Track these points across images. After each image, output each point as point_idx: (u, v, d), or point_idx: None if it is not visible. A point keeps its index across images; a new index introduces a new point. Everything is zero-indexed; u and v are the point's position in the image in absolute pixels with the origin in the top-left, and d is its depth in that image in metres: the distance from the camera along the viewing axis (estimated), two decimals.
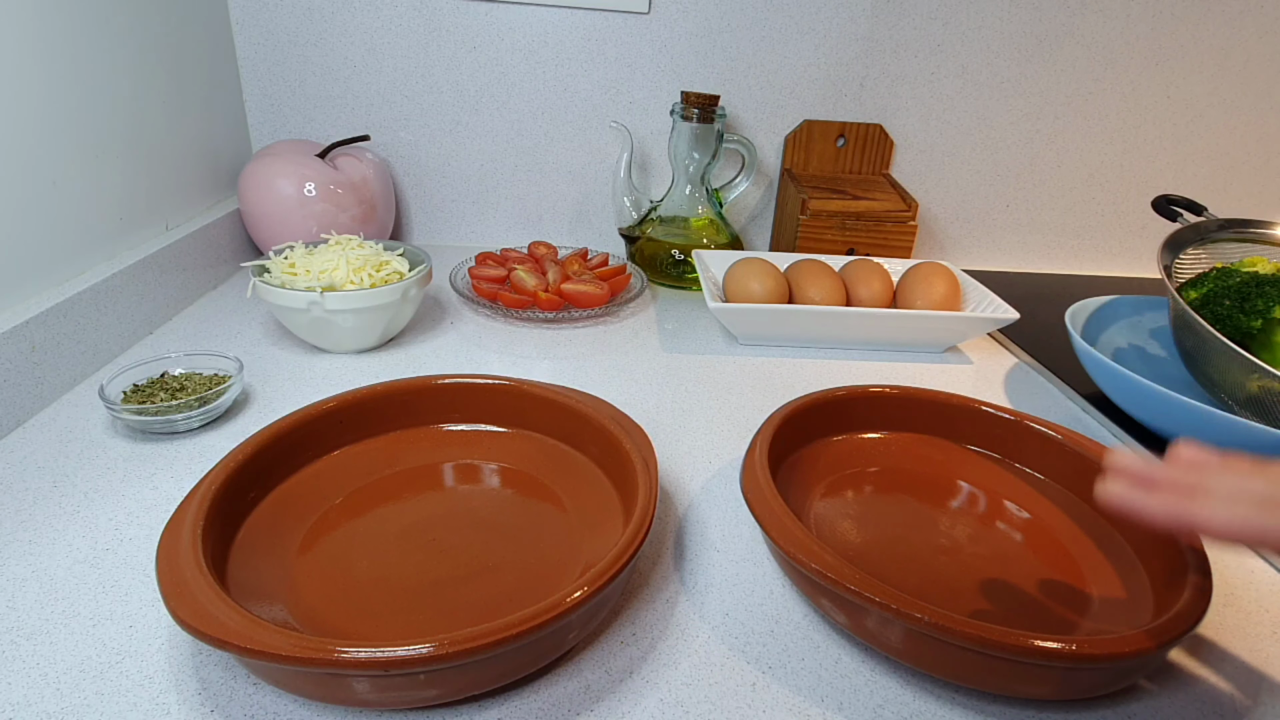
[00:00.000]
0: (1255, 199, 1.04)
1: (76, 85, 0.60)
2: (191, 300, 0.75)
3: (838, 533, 0.46)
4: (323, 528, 0.43)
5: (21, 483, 0.47)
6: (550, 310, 0.74)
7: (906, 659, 0.36)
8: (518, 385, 0.51)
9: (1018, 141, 0.98)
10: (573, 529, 0.44)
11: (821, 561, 0.36)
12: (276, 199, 0.79)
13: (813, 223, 0.86)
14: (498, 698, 0.35)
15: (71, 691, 0.34)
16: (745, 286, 0.73)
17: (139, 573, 0.41)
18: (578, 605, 0.32)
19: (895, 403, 0.54)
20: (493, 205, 0.97)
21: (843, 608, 0.37)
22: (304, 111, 0.90)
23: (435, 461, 0.50)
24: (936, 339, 0.74)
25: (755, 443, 0.46)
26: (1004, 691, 0.35)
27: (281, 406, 0.58)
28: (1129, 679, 0.36)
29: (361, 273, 0.64)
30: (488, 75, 0.90)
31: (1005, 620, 0.39)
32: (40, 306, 0.55)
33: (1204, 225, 0.69)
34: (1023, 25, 0.91)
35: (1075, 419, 0.64)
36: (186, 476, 0.49)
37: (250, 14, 0.85)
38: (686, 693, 0.36)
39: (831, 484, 0.50)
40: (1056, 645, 0.32)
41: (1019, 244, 1.04)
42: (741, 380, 0.67)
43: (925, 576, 0.42)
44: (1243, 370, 0.55)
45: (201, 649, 0.36)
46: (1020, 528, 0.47)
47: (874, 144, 0.96)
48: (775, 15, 0.89)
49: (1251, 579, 0.46)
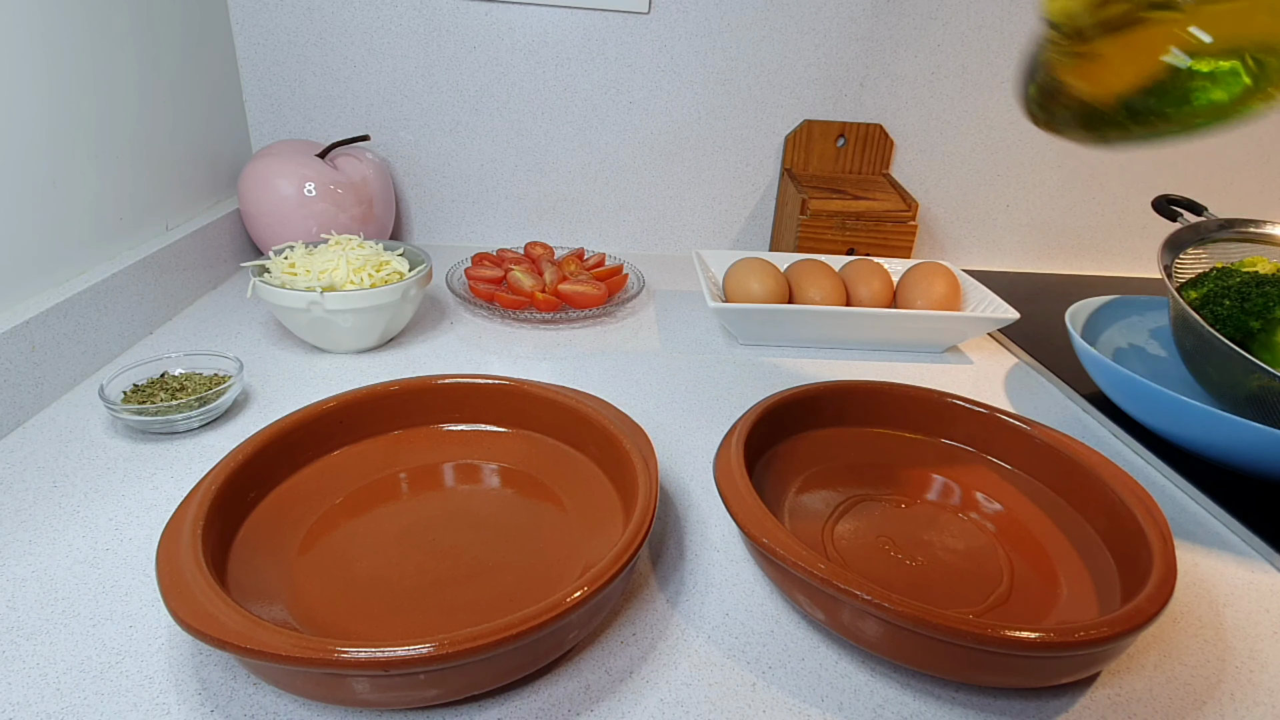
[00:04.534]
0: (1255, 199, 1.04)
1: (77, 85, 0.60)
2: (191, 300, 0.75)
3: (813, 527, 0.46)
4: (323, 528, 0.43)
5: (21, 483, 0.47)
6: (548, 311, 0.74)
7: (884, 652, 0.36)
8: (518, 385, 0.51)
9: (1018, 141, 0.98)
10: (573, 529, 0.44)
11: (793, 551, 0.36)
12: (276, 199, 0.79)
13: (813, 223, 0.86)
14: (498, 698, 0.35)
15: (71, 691, 0.34)
16: (745, 286, 0.73)
17: (139, 573, 0.41)
18: (578, 605, 0.32)
19: (868, 397, 0.54)
20: (492, 205, 0.97)
21: (814, 598, 0.37)
22: (304, 111, 0.90)
23: (435, 461, 0.50)
24: (936, 339, 0.74)
25: (731, 433, 0.47)
26: (968, 680, 0.36)
27: (281, 406, 0.58)
28: (1095, 667, 0.36)
29: (361, 273, 0.64)
30: (488, 75, 0.90)
31: (973, 609, 0.40)
32: (40, 306, 0.55)
33: (1204, 225, 0.69)
34: (1023, 25, 0.91)
35: (1075, 419, 0.64)
36: (186, 476, 0.49)
37: (250, 14, 0.85)
38: (686, 693, 0.36)
39: (808, 479, 0.50)
40: (1019, 635, 0.32)
41: (1019, 244, 1.04)
42: (741, 380, 0.67)
43: (897, 568, 0.43)
44: (1243, 370, 0.55)
45: (201, 649, 0.36)
46: (992, 519, 0.48)
47: (874, 144, 0.96)
48: (775, 15, 0.89)
49: (1251, 579, 0.46)
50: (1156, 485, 0.56)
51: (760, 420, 0.49)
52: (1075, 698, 0.37)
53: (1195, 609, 0.43)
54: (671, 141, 0.95)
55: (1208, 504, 0.53)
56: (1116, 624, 0.33)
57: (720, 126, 0.95)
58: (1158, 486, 0.55)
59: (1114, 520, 0.43)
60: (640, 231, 1.00)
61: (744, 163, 0.97)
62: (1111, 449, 0.60)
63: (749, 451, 0.46)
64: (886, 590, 0.34)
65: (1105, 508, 0.44)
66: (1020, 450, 0.51)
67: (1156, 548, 0.39)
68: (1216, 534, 0.50)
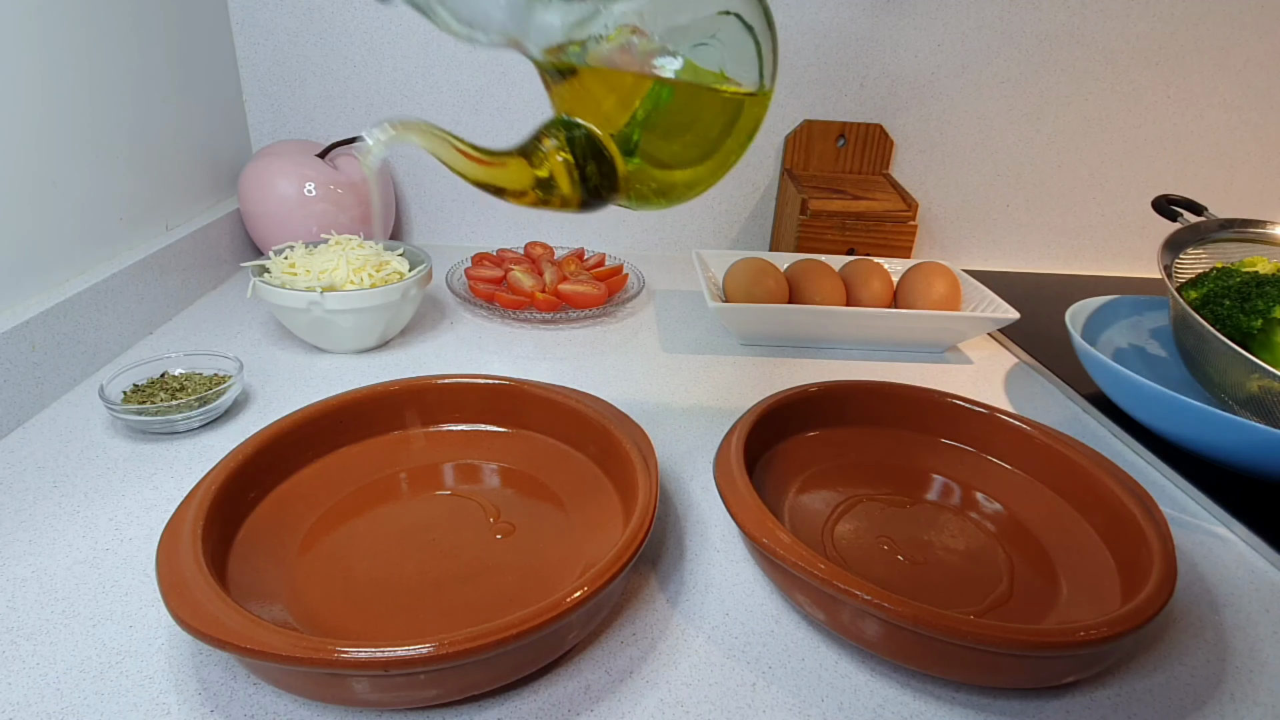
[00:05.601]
0: (1255, 199, 1.04)
1: (77, 85, 0.60)
2: (191, 300, 0.75)
3: (813, 527, 0.46)
4: (323, 528, 0.43)
5: (21, 483, 0.47)
6: (547, 311, 0.74)
7: (884, 652, 0.36)
8: (518, 385, 0.51)
9: (1018, 141, 0.97)
10: (573, 529, 0.44)
11: (793, 551, 0.36)
12: (276, 199, 0.79)
13: (813, 223, 0.86)
14: (498, 698, 0.35)
15: (71, 691, 0.34)
16: (745, 286, 0.73)
17: (139, 573, 0.41)
18: (578, 605, 0.32)
19: (868, 398, 0.54)
20: (492, 205, 0.97)
21: (814, 598, 0.37)
22: (304, 111, 0.90)
23: (435, 461, 0.50)
24: (936, 339, 0.74)
25: (731, 434, 0.47)
26: (968, 680, 0.36)
27: (281, 406, 0.58)
28: (1095, 667, 0.36)
29: (361, 273, 0.64)
30: (488, 75, 0.90)
31: (974, 609, 0.40)
32: (40, 306, 0.55)
33: (1204, 225, 0.69)
34: (1023, 25, 0.91)
35: (1075, 419, 0.64)
36: (186, 476, 0.49)
37: (250, 14, 0.85)
38: (686, 693, 0.36)
39: (808, 479, 0.50)
40: (1019, 635, 0.32)
41: (1019, 244, 1.04)
42: (741, 380, 0.67)
43: (897, 568, 0.43)
44: (1243, 370, 0.55)
45: (201, 649, 0.36)
46: (992, 519, 0.48)
47: (874, 144, 0.96)
48: (775, 15, 0.89)
49: (1251, 579, 0.46)
50: (1156, 485, 0.56)
51: (760, 420, 0.49)
52: (1075, 698, 0.37)
53: (1195, 609, 0.43)
54: None
55: (1208, 504, 0.53)
56: (1116, 624, 0.33)
57: None
58: (1158, 486, 0.55)
59: (1114, 520, 0.43)
60: (640, 231, 1.00)
61: (744, 162, 0.97)
62: (1111, 449, 0.60)
63: (749, 451, 0.46)
64: (886, 590, 0.34)
65: (1105, 508, 0.44)
66: (1020, 450, 0.51)
67: (1156, 548, 0.39)
68: (1216, 534, 0.50)
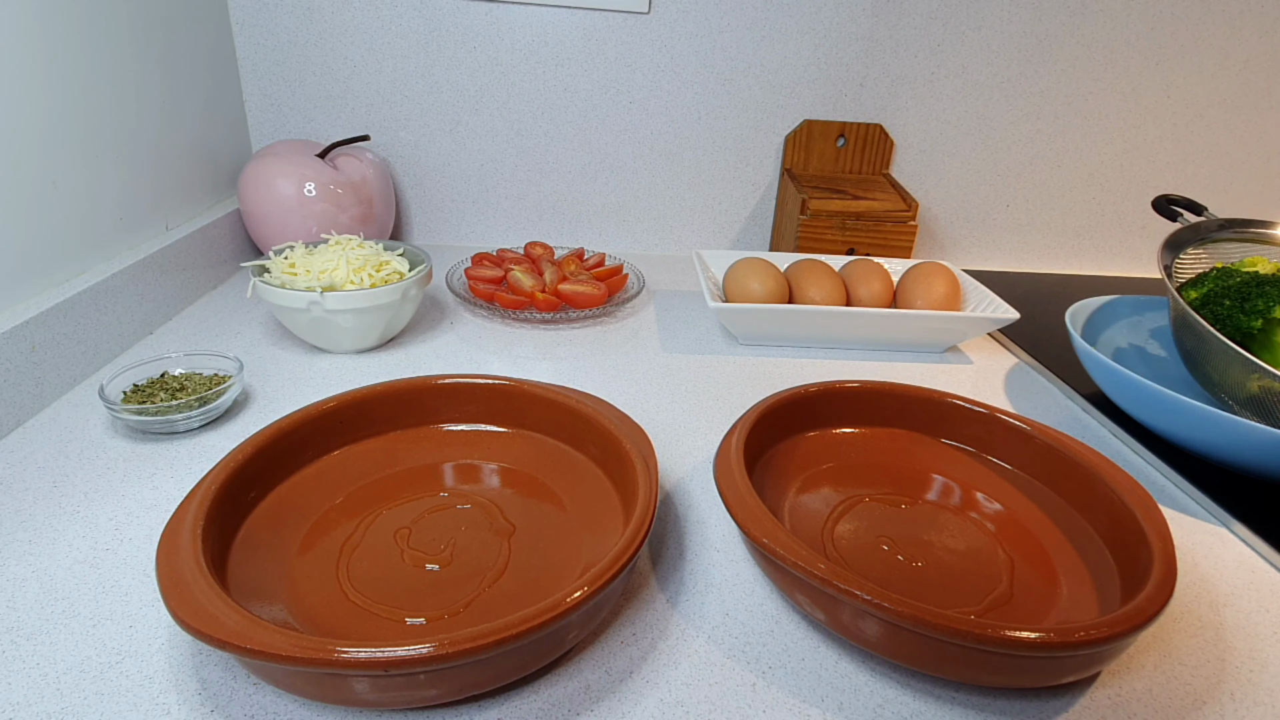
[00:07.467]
0: (1255, 199, 1.04)
1: (77, 85, 0.60)
2: (191, 300, 0.75)
3: (813, 527, 0.46)
4: (323, 528, 0.43)
5: (21, 483, 0.47)
6: (548, 311, 0.74)
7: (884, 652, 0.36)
8: (518, 385, 0.51)
9: (1018, 141, 0.98)
10: (573, 529, 0.44)
11: (793, 551, 0.36)
12: (276, 199, 0.79)
13: (813, 223, 0.86)
14: (498, 698, 0.35)
15: (71, 691, 0.34)
16: (745, 286, 0.73)
17: (139, 573, 0.41)
18: (578, 605, 0.32)
19: (868, 398, 0.54)
20: (492, 205, 0.97)
21: (814, 598, 0.37)
22: (304, 111, 0.90)
23: (435, 461, 0.50)
24: (936, 339, 0.74)
25: (731, 434, 0.46)
26: (968, 680, 0.36)
27: (281, 406, 0.58)
28: (1095, 667, 0.36)
29: (361, 273, 0.64)
30: (488, 75, 0.90)
31: (974, 609, 0.40)
32: (40, 306, 0.55)
33: (1204, 225, 0.69)
34: (1023, 25, 0.91)
35: (1075, 419, 0.64)
36: (186, 476, 0.49)
37: (250, 14, 0.85)
38: (686, 693, 0.36)
39: (808, 479, 0.50)
40: (1019, 635, 0.32)
41: (1019, 244, 1.04)
42: (741, 380, 0.67)
43: (897, 568, 0.43)
44: (1243, 370, 0.55)
45: (201, 649, 0.36)
46: (992, 519, 0.48)
47: (874, 144, 0.96)
48: (775, 15, 0.89)
49: (1252, 579, 0.46)
50: (1156, 485, 0.56)
51: (760, 420, 0.49)
52: (1075, 698, 0.37)
53: (1195, 609, 0.43)
54: (671, 141, 0.95)
55: (1208, 504, 0.53)
56: (1116, 624, 0.33)
57: (720, 126, 0.95)
58: (1158, 486, 0.55)
59: (1114, 520, 0.43)
60: (640, 231, 1.00)
61: (744, 163, 0.97)
62: (1111, 449, 0.60)
63: (749, 451, 0.46)
64: (886, 590, 0.34)
65: (1105, 508, 0.44)
66: (1020, 450, 0.51)
67: (1156, 548, 0.39)
68: (1216, 534, 0.50)
